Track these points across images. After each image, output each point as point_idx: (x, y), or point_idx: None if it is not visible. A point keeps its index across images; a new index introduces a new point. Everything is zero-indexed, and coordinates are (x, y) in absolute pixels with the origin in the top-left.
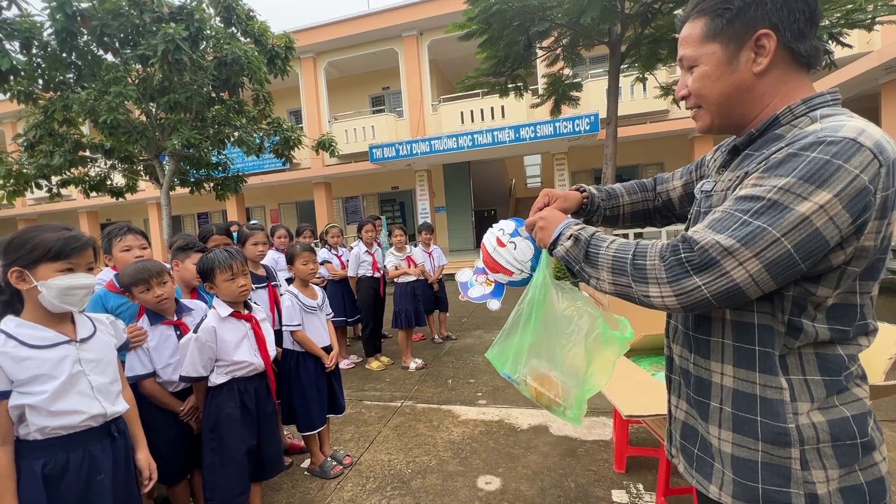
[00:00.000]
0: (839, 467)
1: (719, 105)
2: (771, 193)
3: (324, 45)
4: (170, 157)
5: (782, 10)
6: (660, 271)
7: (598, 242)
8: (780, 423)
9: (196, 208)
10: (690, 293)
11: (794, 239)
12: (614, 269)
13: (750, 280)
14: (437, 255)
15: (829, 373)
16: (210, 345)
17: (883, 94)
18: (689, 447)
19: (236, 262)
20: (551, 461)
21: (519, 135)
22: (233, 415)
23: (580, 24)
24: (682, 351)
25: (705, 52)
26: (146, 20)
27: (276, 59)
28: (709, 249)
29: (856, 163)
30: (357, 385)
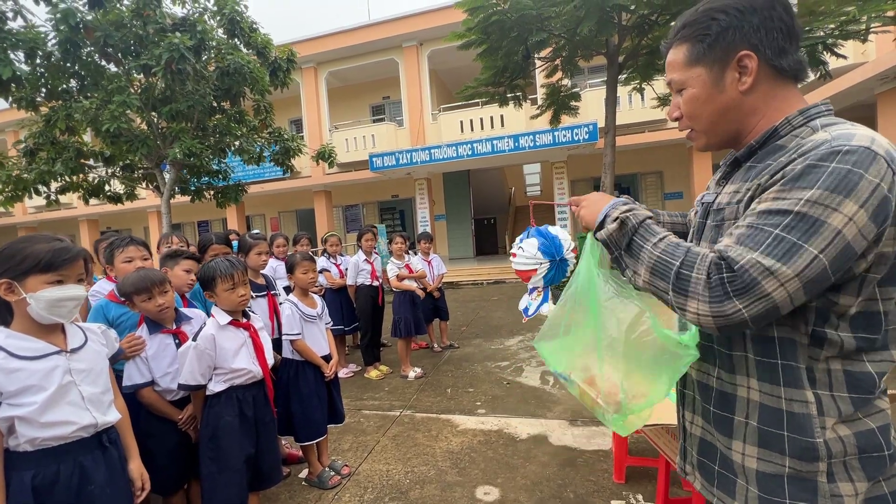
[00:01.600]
0: (867, 480)
1: (712, 124)
2: (799, 206)
3: (325, 55)
4: (171, 165)
5: (759, 30)
6: (703, 288)
7: (645, 234)
8: (807, 438)
9: (196, 216)
10: (729, 316)
11: (829, 254)
12: (655, 271)
13: (788, 299)
14: (437, 264)
15: (859, 391)
16: (209, 353)
17: (879, 104)
18: (709, 464)
19: (238, 271)
20: (550, 471)
21: (518, 144)
22: (231, 423)
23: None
24: (700, 365)
25: (691, 75)
26: (149, 31)
27: (278, 71)
28: (750, 269)
29: (874, 171)
30: (356, 394)
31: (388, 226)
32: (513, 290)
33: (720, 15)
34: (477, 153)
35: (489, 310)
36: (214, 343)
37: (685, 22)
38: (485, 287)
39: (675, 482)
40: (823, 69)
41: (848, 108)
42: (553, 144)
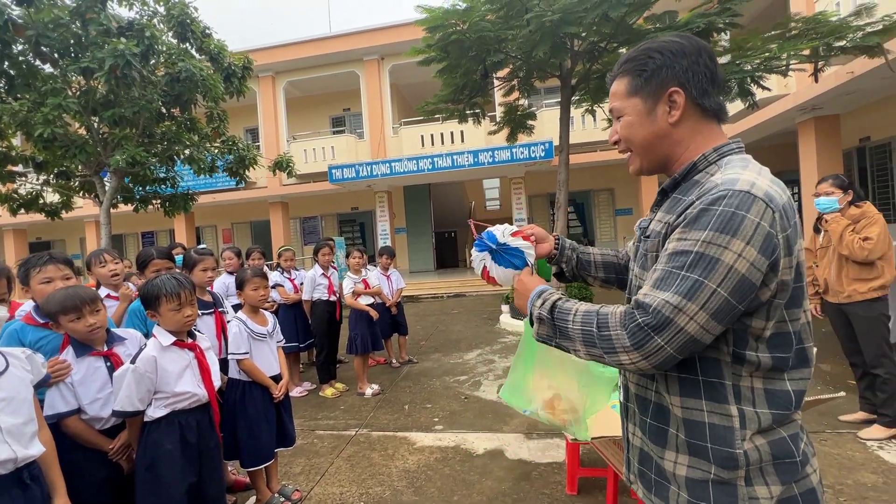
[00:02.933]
0: (780, 483)
1: (644, 148)
2: (696, 247)
3: (284, 64)
4: (112, 173)
5: (688, 71)
6: (624, 340)
7: (563, 316)
8: (728, 449)
9: (140, 227)
10: (657, 353)
11: (727, 287)
12: (585, 342)
13: (701, 330)
14: (395, 278)
15: (779, 407)
16: (149, 376)
17: (799, 132)
18: (647, 472)
19: (185, 290)
20: (506, 486)
21: (478, 159)
22: (172, 451)
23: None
24: (639, 379)
25: (629, 104)
26: (91, 32)
27: (232, 78)
28: (661, 309)
29: (754, 212)
30: (310, 414)
31: (348, 238)
32: (472, 304)
33: (656, 54)
34: (437, 167)
35: (449, 323)
36: (156, 365)
37: (627, 58)
38: (445, 300)
39: (623, 491)
40: (751, 99)
41: (774, 134)
42: (511, 161)
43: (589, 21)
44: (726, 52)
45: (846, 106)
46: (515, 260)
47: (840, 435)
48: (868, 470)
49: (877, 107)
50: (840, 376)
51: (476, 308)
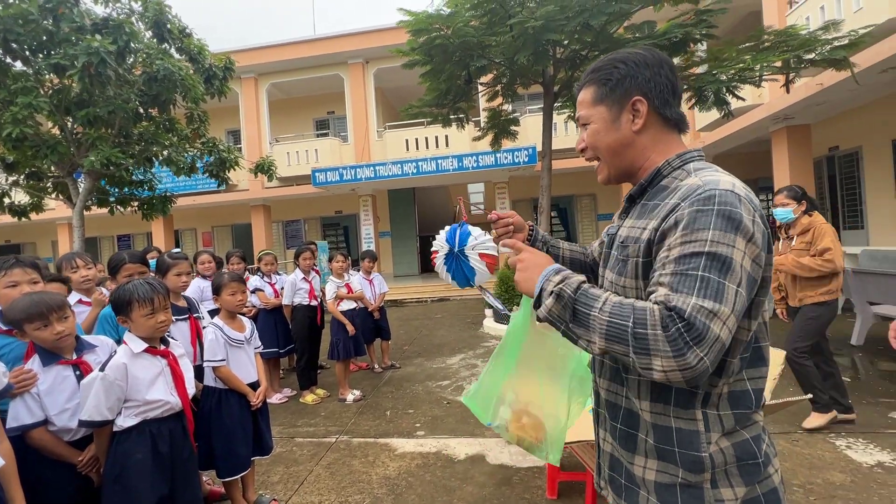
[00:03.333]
0: (744, 485)
1: (610, 155)
2: (706, 247)
3: (267, 66)
4: (86, 174)
5: (650, 82)
6: (663, 344)
7: (587, 301)
8: (695, 452)
9: (116, 230)
10: (695, 367)
11: (743, 285)
12: (610, 336)
13: (729, 334)
14: (378, 283)
15: (741, 407)
16: (119, 384)
17: (773, 140)
18: (617, 478)
19: (158, 295)
20: (487, 491)
21: (462, 164)
22: (142, 461)
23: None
24: (610, 385)
25: (595, 112)
26: (64, 29)
27: (213, 79)
28: (697, 315)
29: (743, 209)
30: (289, 421)
31: (332, 242)
32: (457, 308)
33: (620, 65)
34: (422, 171)
35: (432, 328)
36: (126, 373)
37: (594, 68)
38: (429, 304)
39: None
40: (727, 108)
41: (749, 143)
42: (495, 165)
43: (570, 29)
44: (703, 63)
45: (816, 116)
46: (460, 274)
47: (811, 435)
48: (837, 469)
49: (845, 117)
50: None
51: (460, 312)
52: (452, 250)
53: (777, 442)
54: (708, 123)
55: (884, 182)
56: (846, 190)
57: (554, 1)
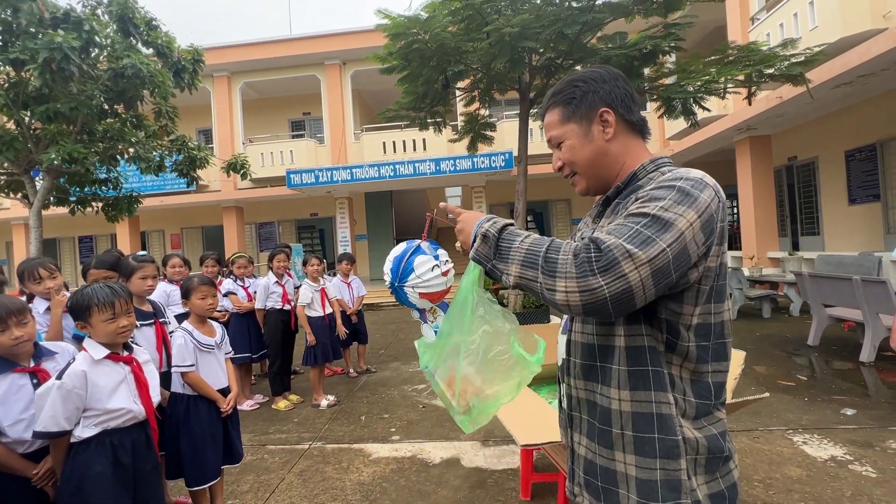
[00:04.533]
0: (706, 474)
1: (588, 167)
2: (654, 211)
3: (240, 64)
4: (45, 172)
5: (611, 94)
6: (570, 266)
7: (510, 237)
8: (671, 437)
9: (77, 231)
10: (593, 291)
11: (674, 250)
12: (524, 263)
13: (640, 284)
14: (357, 286)
15: (701, 397)
16: (78, 392)
17: (737, 149)
18: (593, 481)
19: (119, 300)
20: (461, 495)
21: (439, 167)
22: (102, 473)
23: (492, 70)
24: (585, 384)
25: (566, 130)
26: (21, 21)
27: (182, 73)
28: (613, 250)
29: (706, 195)
30: (261, 428)
31: (307, 245)
32: None
33: (580, 83)
34: (399, 174)
35: (409, 332)
36: (86, 381)
37: (554, 91)
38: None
39: None
40: (693, 118)
41: (714, 151)
42: (472, 170)
43: (545, 37)
44: (672, 74)
45: (776, 127)
46: (406, 302)
47: (771, 432)
48: (794, 464)
49: (803, 129)
50: (771, 378)
51: None
52: (393, 283)
53: (739, 439)
54: (676, 132)
55: (838, 191)
56: (804, 198)
57: (529, 10)
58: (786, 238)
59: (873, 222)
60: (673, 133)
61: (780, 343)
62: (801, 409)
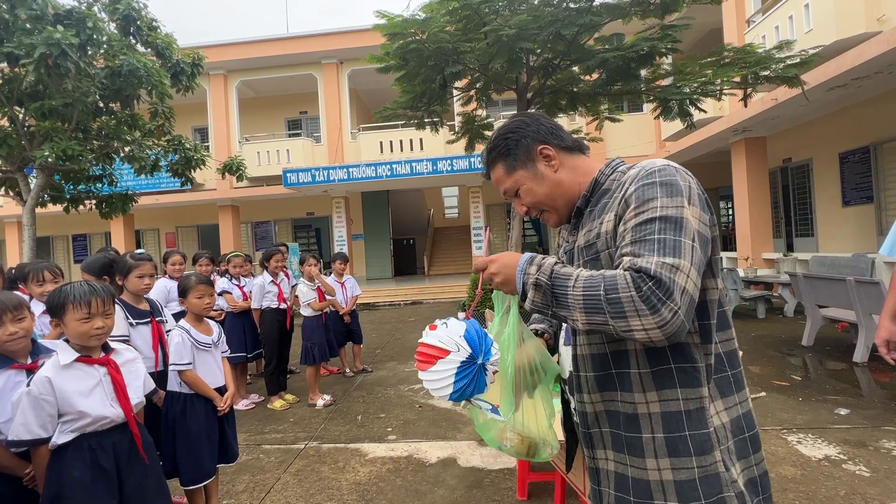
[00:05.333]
0: (740, 460)
1: (551, 201)
2: (658, 213)
3: (237, 63)
4: (39, 169)
5: (539, 131)
6: (638, 303)
7: (562, 283)
8: (703, 430)
9: (72, 229)
10: (672, 321)
11: (697, 241)
12: (588, 309)
13: (695, 287)
14: (351, 286)
15: (718, 372)
16: (46, 398)
17: (732, 151)
18: (626, 497)
19: (97, 298)
20: (458, 494)
21: (436, 167)
22: (80, 478)
23: (490, 70)
24: (603, 395)
25: (517, 178)
26: (20, 16)
27: (181, 75)
28: (661, 271)
29: (681, 177)
30: (256, 427)
31: (303, 244)
32: (430, 311)
33: (510, 134)
34: (396, 174)
35: (405, 331)
36: (52, 387)
37: (489, 149)
38: (402, 308)
39: (571, 494)
40: (689, 120)
41: (710, 153)
42: (469, 170)
43: (543, 38)
44: (668, 75)
45: (771, 129)
46: (472, 386)
47: (765, 432)
48: (788, 463)
49: (798, 131)
50: (766, 377)
51: (433, 315)
52: (475, 361)
53: None
54: (672, 133)
55: (832, 192)
56: (798, 199)
57: (527, 10)
58: (780, 239)
59: (867, 224)
60: (669, 134)
61: (775, 343)
62: (796, 408)
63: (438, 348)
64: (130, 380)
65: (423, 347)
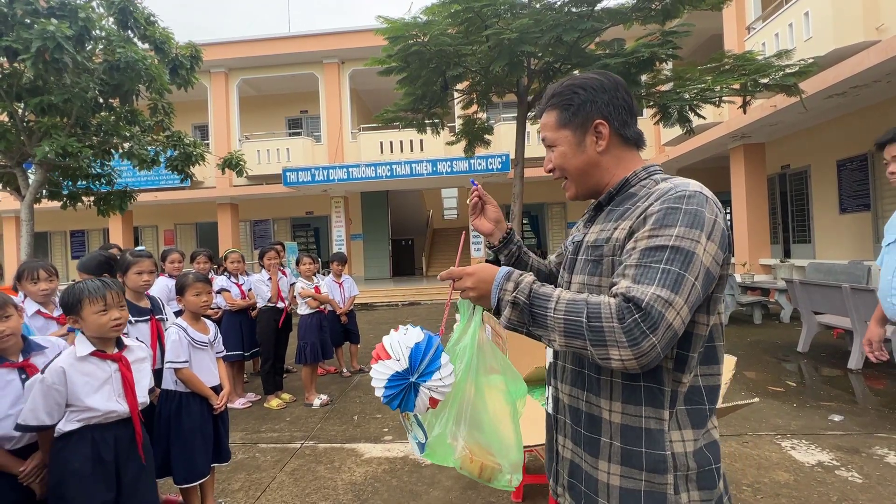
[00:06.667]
0: (700, 490)
1: (578, 175)
2: (672, 241)
3: (238, 61)
4: (37, 165)
5: (609, 105)
6: (619, 335)
7: (541, 303)
8: (658, 451)
9: (70, 225)
10: (648, 353)
11: (700, 279)
12: (568, 333)
13: (682, 324)
14: (348, 286)
15: (693, 403)
16: (57, 388)
17: (731, 156)
18: (577, 485)
19: (111, 292)
20: (453, 495)
21: (436, 168)
22: (80, 470)
23: (491, 73)
24: (571, 390)
25: (560, 136)
26: (17, 11)
27: (179, 69)
28: (654, 304)
29: (710, 210)
30: (252, 426)
31: (301, 244)
32: (427, 313)
33: (580, 90)
34: (396, 175)
35: None
36: (65, 378)
37: (554, 92)
38: (400, 308)
39: None
40: (689, 125)
41: (709, 158)
42: (469, 171)
43: (544, 42)
44: (668, 81)
45: (770, 135)
46: (398, 399)
47: (759, 437)
48: (782, 469)
49: (796, 137)
50: (761, 383)
51: (431, 316)
52: (408, 377)
53: (728, 443)
54: (672, 139)
55: (829, 199)
56: (796, 206)
57: (529, 14)
58: (777, 245)
59: (863, 231)
60: (669, 139)
61: (771, 349)
62: (790, 414)
63: (385, 350)
64: (139, 378)
65: (379, 345)
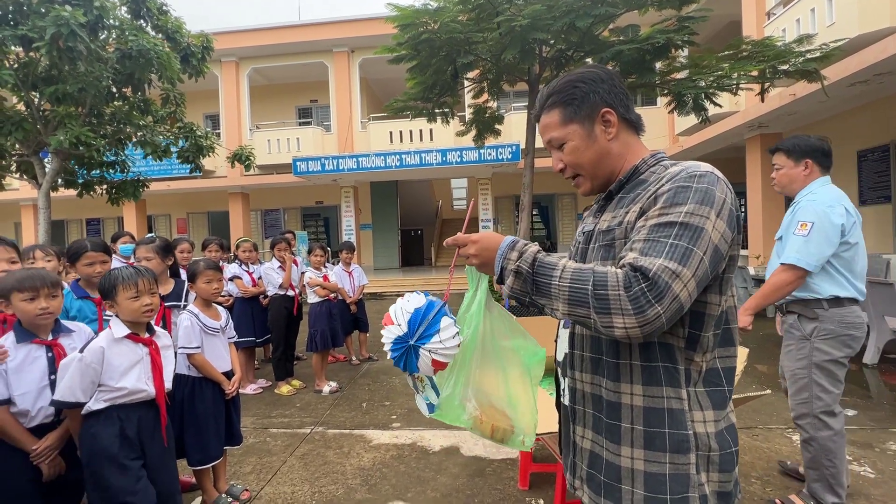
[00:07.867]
0: (721, 472)
1: (592, 167)
2: (682, 217)
3: (248, 50)
4: (53, 154)
5: (611, 94)
6: (625, 302)
7: (546, 272)
8: (682, 431)
9: (85, 213)
10: (653, 322)
11: (708, 255)
12: (572, 301)
13: (689, 297)
14: (358, 275)
15: (712, 385)
16: (94, 367)
17: (747, 146)
18: (597, 475)
19: (143, 279)
20: (460, 482)
21: (446, 158)
22: (109, 448)
23: (502, 61)
24: (593, 378)
25: (568, 131)
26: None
27: (190, 58)
28: (661, 274)
29: (720, 189)
30: (264, 412)
31: (311, 233)
32: None
33: (579, 83)
34: (405, 164)
35: None
36: (103, 357)
37: (551, 91)
38: None
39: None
40: (704, 114)
41: (724, 148)
42: (479, 161)
43: (556, 29)
44: (683, 68)
45: (788, 125)
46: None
47: (770, 430)
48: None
49: (815, 127)
50: (773, 376)
51: None
52: (408, 340)
53: (739, 436)
54: (686, 128)
55: (849, 191)
56: None
57: (541, 0)
58: None
59: (883, 224)
60: (683, 128)
61: None
62: None
63: (389, 316)
64: (165, 364)
65: (387, 312)
